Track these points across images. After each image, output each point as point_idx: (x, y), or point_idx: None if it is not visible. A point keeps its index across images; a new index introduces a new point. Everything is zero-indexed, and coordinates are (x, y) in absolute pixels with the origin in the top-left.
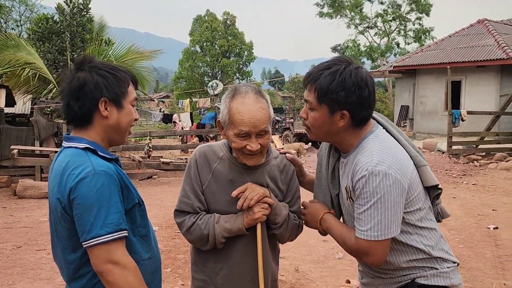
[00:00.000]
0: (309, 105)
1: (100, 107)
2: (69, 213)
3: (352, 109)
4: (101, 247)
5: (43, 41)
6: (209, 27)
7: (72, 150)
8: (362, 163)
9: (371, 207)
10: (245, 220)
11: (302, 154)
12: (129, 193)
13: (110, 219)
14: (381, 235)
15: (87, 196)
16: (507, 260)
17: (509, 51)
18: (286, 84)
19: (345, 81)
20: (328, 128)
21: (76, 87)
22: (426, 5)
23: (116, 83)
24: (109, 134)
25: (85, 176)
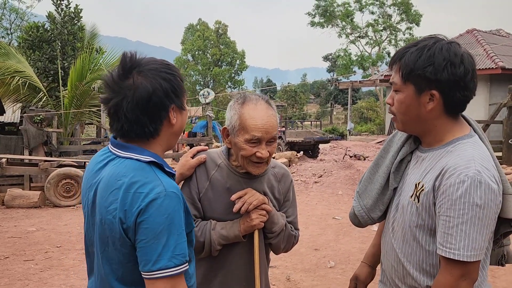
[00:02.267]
0: (394, 87)
1: (170, 116)
2: (131, 237)
3: (443, 88)
4: (165, 281)
5: (33, 50)
6: (201, 36)
7: (134, 162)
8: (459, 166)
9: (469, 221)
10: (242, 227)
11: (293, 163)
12: (189, 217)
13: (179, 249)
14: (474, 255)
15: (158, 221)
16: (497, 267)
17: (497, 60)
18: (278, 93)
19: (434, 56)
20: (415, 112)
21: (144, 98)
22: (416, 16)
23: (178, 84)
24: (170, 142)
25: (156, 197)
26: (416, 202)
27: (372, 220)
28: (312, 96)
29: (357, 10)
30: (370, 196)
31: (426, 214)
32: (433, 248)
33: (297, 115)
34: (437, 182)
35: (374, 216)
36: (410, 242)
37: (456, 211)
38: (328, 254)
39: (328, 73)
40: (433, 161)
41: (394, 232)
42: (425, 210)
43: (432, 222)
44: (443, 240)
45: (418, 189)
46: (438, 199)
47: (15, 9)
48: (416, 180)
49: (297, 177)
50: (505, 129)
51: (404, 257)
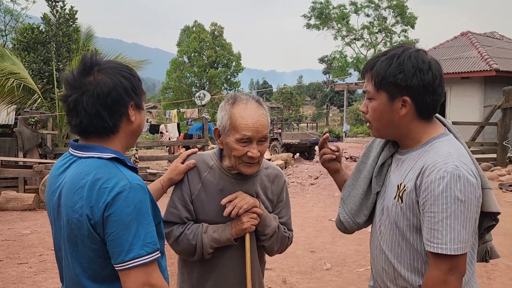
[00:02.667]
0: (367, 95)
1: (130, 113)
2: (100, 232)
3: (413, 94)
4: (139, 269)
5: (28, 51)
6: (197, 37)
7: (95, 160)
8: (438, 162)
9: (452, 215)
10: (233, 230)
11: (290, 165)
12: (156, 209)
13: (149, 238)
14: (460, 248)
15: (125, 212)
16: (493, 269)
17: (492, 63)
18: (274, 94)
19: (404, 64)
20: (389, 118)
21: (105, 93)
22: (411, 18)
23: (137, 84)
24: (129, 140)
25: (121, 190)
26: (399, 202)
27: (358, 225)
28: (308, 98)
29: (352, 12)
30: (354, 201)
31: (410, 213)
32: (422, 246)
33: (293, 117)
34: (418, 181)
35: (359, 221)
36: (399, 242)
37: (439, 206)
38: (324, 256)
39: (324, 75)
40: (412, 162)
41: (382, 235)
42: (409, 210)
43: (417, 221)
44: (430, 236)
45: (401, 190)
46: (420, 197)
47: (10, 11)
48: (397, 181)
49: (293, 179)
50: (500, 131)
51: (394, 258)
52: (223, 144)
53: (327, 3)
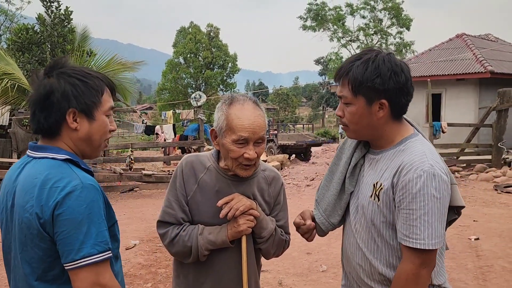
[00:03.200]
0: (344, 100)
1: (67, 119)
2: (49, 231)
3: (390, 96)
4: (89, 269)
5: (22, 52)
6: (193, 38)
7: (49, 161)
8: (414, 162)
9: (430, 212)
10: (229, 232)
11: (286, 166)
12: (110, 210)
13: (101, 237)
14: (437, 243)
15: (77, 211)
16: (488, 270)
17: (487, 64)
18: (270, 96)
19: (379, 68)
20: (367, 121)
21: (42, 95)
22: (407, 20)
23: (87, 92)
24: (79, 147)
25: (73, 189)
26: (376, 201)
27: (332, 225)
28: (304, 99)
29: (348, 14)
30: (328, 202)
31: (387, 210)
32: (397, 242)
33: (289, 118)
34: (395, 179)
35: (334, 221)
36: (375, 239)
37: (417, 204)
38: (320, 258)
39: (320, 76)
40: (388, 161)
41: (358, 233)
42: (386, 207)
43: (393, 218)
44: (408, 232)
45: (377, 188)
46: (397, 194)
47: (4, 11)
48: (373, 180)
49: (289, 180)
50: (494, 133)
51: (371, 254)
52: (219, 145)
53: (323, 4)
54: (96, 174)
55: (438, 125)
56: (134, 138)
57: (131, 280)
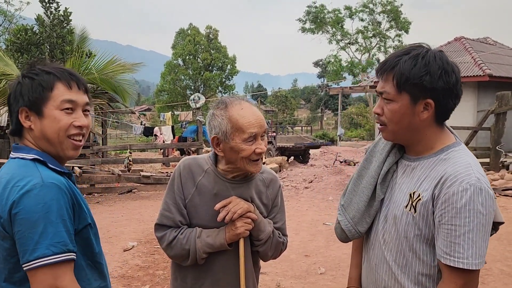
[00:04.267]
0: (385, 96)
1: (20, 118)
2: (9, 231)
3: (438, 97)
4: (45, 271)
5: (21, 52)
6: (192, 40)
7: (19, 161)
8: (460, 174)
9: (475, 229)
10: (227, 235)
11: (284, 168)
12: (81, 212)
13: (58, 237)
14: (481, 263)
15: (33, 210)
16: (486, 274)
17: (485, 68)
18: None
19: (429, 64)
20: (409, 121)
21: (7, 100)
22: (405, 23)
23: (33, 88)
24: (41, 146)
25: (32, 188)
26: (412, 212)
27: (359, 234)
28: (303, 102)
29: (347, 17)
30: (357, 209)
31: (423, 223)
32: (431, 258)
33: (288, 120)
34: (437, 191)
35: (361, 229)
36: (406, 253)
37: (462, 219)
38: (319, 261)
39: (319, 79)
40: (427, 170)
41: (386, 244)
42: (422, 220)
43: (429, 232)
44: (450, 250)
45: (414, 199)
46: (438, 208)
47: (4, 12)
48: (409, 189)
49: (288, 182)
50: (493, 136)
51: (398, 269)
52: (225, 151)
53: (322, 7)
54: (94, 176)
55: None
56: (133, 139)
57: (128, 281)
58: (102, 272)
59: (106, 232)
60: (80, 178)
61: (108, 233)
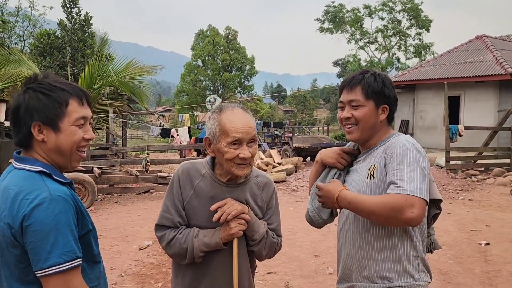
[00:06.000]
0: (355, 103)
1: (33, 132)
2: (20, 240)
3: (390, 103)
4: (58, 277)
5: (44, 56)
6: (211, 41)
7: (25, 172)
8: (398, 141)
9: (415, 170)
10: (222, 235)
11: (300, 169)
12: (83, 219)
13: (68, 246)
14: (424, 194)
15: (44, 222)
16: (495, 275)
17: (507, 66)
18: (287, 98)
19: (384, 80)
20: (373, 121)
21: (12, 111)
22: (426, 21)
23: (49, 104)
24: (52, 158)
25: (41, 202)
26: (372, 179)
27: (323, 220)
28: (322, 102)
29: (366, 16)
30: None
31: (382, 184)
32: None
33: (307, 121)
34: (384, 156)
35: (324, 216)
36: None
37: (404, 164)
38: (328, 261)
39: (338, 78)
40: (377, 152)
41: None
42: (381, 182)
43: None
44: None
45: (371, 169)
46: (388, 166)
47: (28, 16)
48: (367, 166)
49: (303, 183)
50: None
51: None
52: (214, 152)
53: (341, 6)
54: (112, 176)
55: (455, 129)
56: (153, 140)
57: (142, 279)
58: (100, 272)
59: (123, 231)
60: (99, 179)
61: (124, 232)
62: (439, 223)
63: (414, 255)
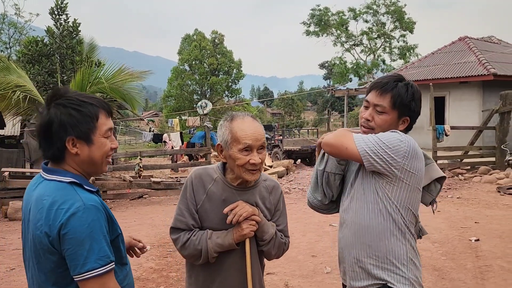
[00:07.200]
0: (380, 109)
1: (67, 146)
2: (57, 248)
3: (412, 117)
4: (95, 280)
5: (32, 64)
6: (198, 45)
7: (56, 183)
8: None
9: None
10: (234, 236)
11: (291, 171)
12: (113, 224)
13: (103, 252)
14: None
15: (80, 230)
16: (487, 270)
17: (489, 67)
18: (275, 101)
19: (415, 94)
20: (391, 129)
21: (43, 126)
22: (410, 23)
23: (82, 119)
24: (84, 168)
25: (76, 211)
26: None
27: (318, 200)
28: (309, 104)
29: (351, 18)
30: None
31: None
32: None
33: (295, 123)
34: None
35: (318, 197)
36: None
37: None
38: (325, 261)
39: (325, 81)
40: None
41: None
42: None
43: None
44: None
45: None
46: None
47: (14, 23)
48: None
49: (295, 185)
50: (498, 135)
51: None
52: (226, 158)
53: (326, 10)
54: (106, 182)
55: (441, 128)
56: (142, 145)
57: (143, 283)
58: (126, 269)
59: None
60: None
61: None
62: (430, 221)
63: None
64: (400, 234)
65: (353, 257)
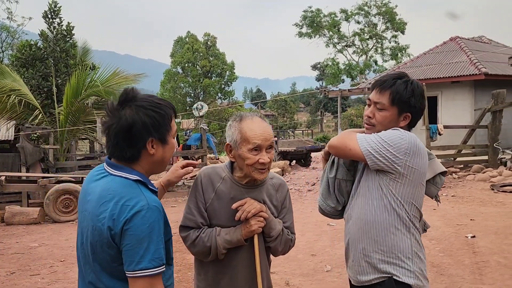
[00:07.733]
0: (380, 106)
1: (148, 147)
2: (117, 242)
3: (414, 113)
4: (145, 279)
5: (26, 68)
6: (190, 48)
7: (122, 180)
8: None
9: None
10: (243, 232)
11: (287, 172)
12: (167, 227)
13: (158, 253)
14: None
15: (141, 229)
16: (484, 266)
17: (481, 67)
18: (268, 102)
19: (414, 90)
20: (391, 126)
21: (125, 128)
22: (401, 24)
23: (162, 121)
24: (152, 168)
25: (140, 209)
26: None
27: (330, 207)
28: (302, 105)
29: (343, 20)
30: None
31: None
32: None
33: (288, 124)
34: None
35: (331, 204)
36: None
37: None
38: (325, 259)
39: (317, 82)
40: None
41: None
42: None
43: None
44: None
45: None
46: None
47: (6, 27)
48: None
49: (291, 186)
50: (490, 133)
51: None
52: (235, 157)
53: (318, 11)
54: None
55: (435, 128)
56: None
57: None
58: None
59: None
60: None
61: None
62: (427, 219)
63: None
64: (404, 229)
65: (360, 252)
